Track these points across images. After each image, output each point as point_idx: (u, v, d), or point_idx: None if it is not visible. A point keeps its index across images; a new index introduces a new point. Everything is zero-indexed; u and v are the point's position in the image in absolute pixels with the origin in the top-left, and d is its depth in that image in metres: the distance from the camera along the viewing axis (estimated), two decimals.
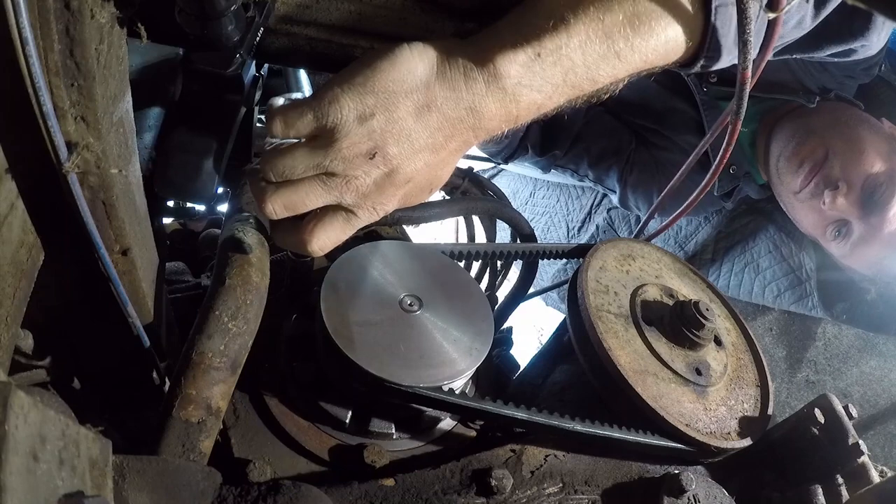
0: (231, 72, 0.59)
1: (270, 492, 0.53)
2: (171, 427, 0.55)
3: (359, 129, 0.52)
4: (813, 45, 0.93)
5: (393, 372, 0.64)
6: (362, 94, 0.52)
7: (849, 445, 0.71)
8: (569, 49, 0.55)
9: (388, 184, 0.56)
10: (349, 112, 0.52)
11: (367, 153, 0.53)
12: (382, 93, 0.52)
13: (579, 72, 0.56)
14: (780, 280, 1.48)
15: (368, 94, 0.52)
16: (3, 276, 0.47)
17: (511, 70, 0.54)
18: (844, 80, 1.28)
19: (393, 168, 0.55)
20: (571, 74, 0.56)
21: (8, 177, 0.46)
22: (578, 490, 0.66)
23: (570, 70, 0.56)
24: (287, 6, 0.61)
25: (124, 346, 0.64)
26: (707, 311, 0.77)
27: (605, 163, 1.54)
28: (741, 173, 1.39)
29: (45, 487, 0.32)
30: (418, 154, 0.55)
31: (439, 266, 0.79)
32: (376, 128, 0.53)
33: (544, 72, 0.55)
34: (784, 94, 1.27)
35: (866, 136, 1.21)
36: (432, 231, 3.22)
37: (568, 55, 0.55)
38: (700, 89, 1.34)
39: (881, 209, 1.17)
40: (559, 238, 1.85)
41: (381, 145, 0.53)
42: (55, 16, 0.42)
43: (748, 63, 0.63)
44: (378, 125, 0.53)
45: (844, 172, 1.19)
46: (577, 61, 0.56)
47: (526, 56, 0.55)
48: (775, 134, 1.32)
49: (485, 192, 1.18)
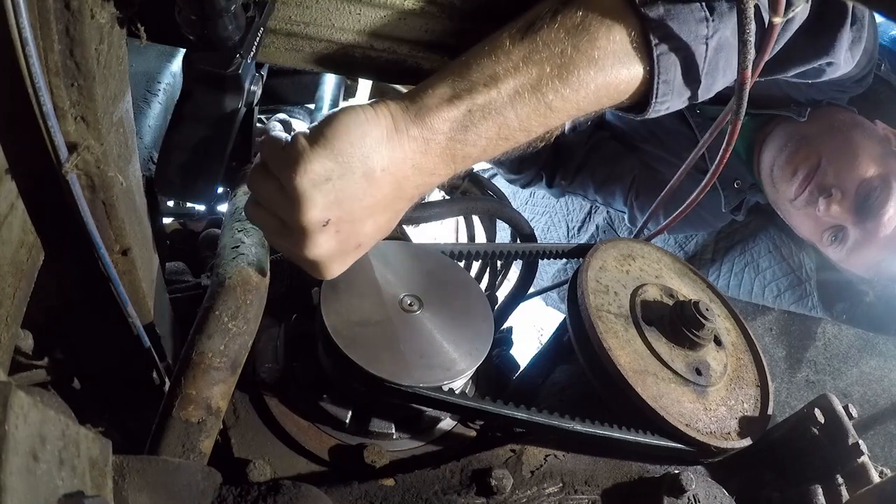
0: (231, 72, 0.59)
1: (270, 492, 0.53)
2: (171, 427, 0.55)
3: (314, 193, 0.53)
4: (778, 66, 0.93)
5: (393, 372, 0.64)
6: (323, 157, 0.53)
7: (849, 445, 0.71)
8: (499, 104, 0.57)
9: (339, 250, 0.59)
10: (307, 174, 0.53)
11: (320, 220, 0.55)
12: (340, 156, 0.54)
13: (512, 125, 0.59)
14: (779, 280, 1.48)
15: (328, 158, 0.54)
16: (3, 276, 0.47)
17: (444, 126, 0.57)
18: (835, 94, 1.27)
19: (344, 235, 0.57)
20: (504, 128, 0.59)
21: (8, 177, 0.46)
22: (578, 490, 0.66)
23: (503, 125, 0.58)
24: (287, 6, 0.61)
25: (124, 346, 0.64)
26: (707, 311, 0.77)
27: (609, 188, 1.58)
28: (746, 186, 1.39)
29: (45, 487, 0.32)
30: (369, 218, 0.58)
31: (439, 266, 0.79)
32: (330, 192, 0.54)
33: (476, 127, 0.58)
34: (775, 108, 1.27)
35: (859, 141, 1.21)
36: (432, 231, 3.22)
37: (498, 110, 0.58)
38: (693, 111, 1.34)
39: (876, 214, 1.17)
40: (559, 238, 1.85)
41: (334, 212, 0.55)
42: (55, 16, 0.42)
43: (748, 63, 0.63)
44: (333, 189, 0.54)
45: (838, 179, 1.19)
46: (509, 115, 0.58)
47: (458, 112, 0.57)
48: (768, 142, 1.32)
49: (485, 192, 1.18)
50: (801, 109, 1.24)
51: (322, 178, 0.53)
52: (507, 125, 0.58)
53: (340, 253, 0.59)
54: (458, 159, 0.59)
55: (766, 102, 1.27)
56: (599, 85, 0.60)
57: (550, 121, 0.60)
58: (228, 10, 0.52)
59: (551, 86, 0.58)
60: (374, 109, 0.56)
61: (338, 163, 0.54)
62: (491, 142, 0.59)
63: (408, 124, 0.56)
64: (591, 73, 0.59)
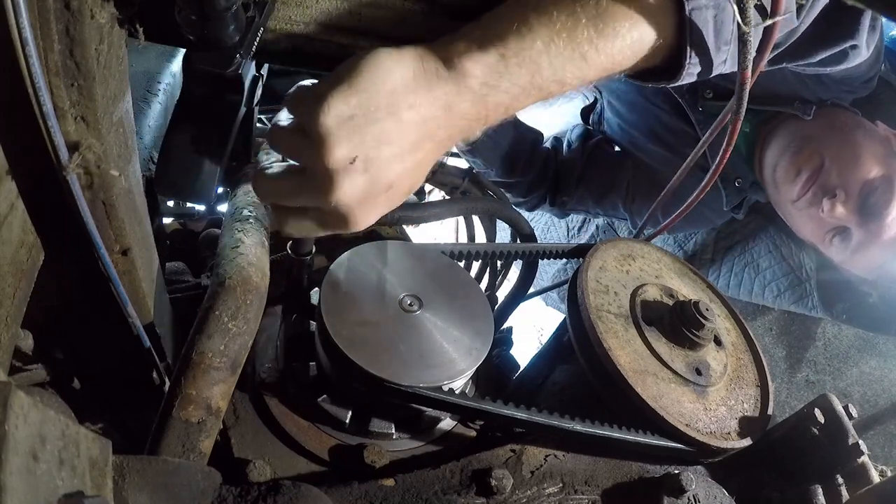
0: (231, 72, 0.59)
1: (270, 492, 0.53)
2: (171, 427, 0.55)
3: (339, 131, 0.52)
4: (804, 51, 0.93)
5: (393, 372, 0.64)
6: (346, 94, 0.52)
7: (849, 445, 0.71)
8: (532, 51, 0.56)
9: (369, 192, 0.55)
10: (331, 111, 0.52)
11: (346, 158, 0.52)
12: (364, 92, 0.52)
13: (545, 74, 0.57)
14: (779, 280, 1.48)
15: (352, 95, 0.52)
16: (3, 276, 0.47)
17: (476, 70, 0.55)
18: (843, 94, 1.27)
19: (373, 174, 0.54)
20: (538, 76, 0.57)
21: (8, 177, 0.46)
22: (578, 490, 0.66)
23: (536, 72, 0.57)
24: (287, 6, 0.61)
25: (124, 346, 0.64)
26: (707, 311, 0.77)
27: (607, 199, 1.59)
28: (747, 185, 1.39)
29: (45, 487, 0.32)
30: (397, 157, 0.55)
31: (439, 266, 0.79)
32: (356, 130, 0.52)
33: (510, 73, 0.56)
34: (780, 105, 1.27)
35: (862, 142, 1.21)
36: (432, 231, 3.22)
37: (532, 57, 0.56)
38: (695, 108, 1.34)
39: (879, 215, 1.17)
40: (559, 238, 1.86)
41: (361, 149, 0.53)
42: (55, 16, 0.42)
43: (748, 62, 0.63)
44: (358, 126, 0.52)
45: (841, 179, 1.19)
46: (543, 63, 0.57)
47: (491, 57, 0.56)
48: (771, 141, 1.31)
49: (485, 192, 1.18)
50: (807, 107, 1.24)
51: (346, 115, 0.52)
52: (540, 74, 0.57)
53: (370, 197, 0.55)
54: (490, 106, 0.57)
55: (772, 99, 1.27)
56: (635, 39, 0.59)
57: (585, 73, 0.59)
58: (228, 10, 0.52)
59: (586, 36, 0.57)
60: (401, 50, 0.55)
61: (361, 99, 0.52)
62: (524, 90, 0.57)
63: (437, 65, 0.55)
64: (627, 25, 0.58)
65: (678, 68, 0.64)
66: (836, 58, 1.00)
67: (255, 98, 0.67)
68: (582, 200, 1.62)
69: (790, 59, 0.95)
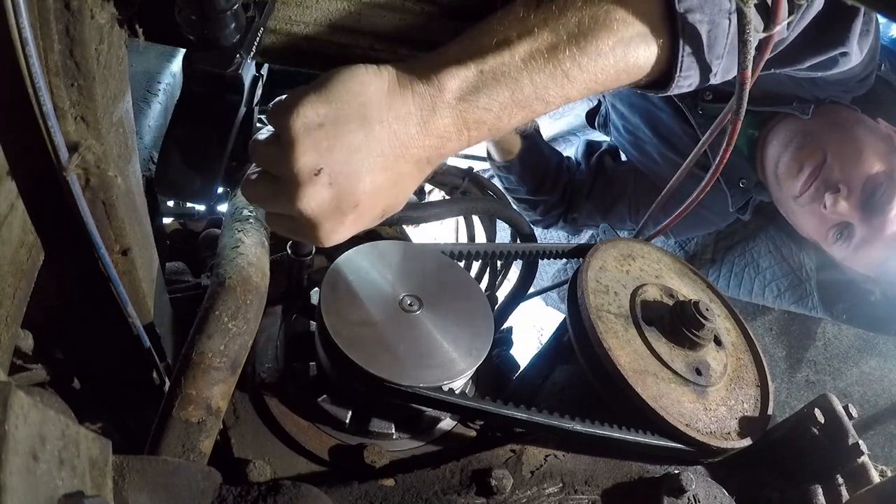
0: (231, 72, 0.59)
1: (270, 492, 0.53)
2: (171, 427, 0.55)
3: (306, 138, 0.51)
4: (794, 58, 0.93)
5: (393, 372, 0.64)
6: (316, 102, 0.52)
7: (849, 445, 0.71)
8: (511, 68, 0.55)
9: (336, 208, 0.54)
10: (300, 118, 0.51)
11: (312, 166, 0.52)
12: (335, 103, 0.52)
13: (526, 91, 0.56)
14: (780, 280, 1.48)
15: (322, 104, 0.52)
16: (3, 276, 0.47)
17: (452, 84, 0.55)
18: (839, 93, 1.27)
19: (339, 190, 0.53)
20: (518, 93, 0.56)
21: (8, 177, 0.46)
22: (578, 490, 0.66)
23: (517, 89, 0.56)
24: (287, 6, 0.61)
25: (124, 346, 0.64)
26: (707, 311, 0.77)
27: (613, 212, 1.62)
28: (751, 185, 1.39)
29: (45, 487, 0.32)
30: (367, 174, 0.54)
31: (439, 266, 0.79)
32: (323, 139, 0.52)
33: (487, 88, 0.55)
34: (779, 105, 1.27)
35: (864, 138, 1.21)
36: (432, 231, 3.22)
37: (510, 74, 0.55)
38: (695, 111, 1.34)
39: (882, 210, 1.17)
40: (559, 238, 1.85)
41: (327, 161, 0.52)
42: (55, 16, 0.42)
43: (748, 62, 0.63)
44: (326, 135, 0.52)
45: (844, 175, 1.19)
46: (523, 80, 0.56)
47: (468, 71, 0.55)
48: (772, 139, 1.31)
49: (485, 192, 1.18)
50: (805, 107, 1.24)
51: (315, 122, 0.51)
52: (521, 91, 0.56)
53: (336, 211, 0.54)
54: (471, 124, 0.56)
55: (770, 99, 1.27)
56: (619, 56, 0.58)
57: (568, 91, 0.58)
58: (228, 10, 0.52)
59: (568, 53, 0.56)
60: (378, 66, 0.55)
61: (332, 108, 0.52)
62: (505, 108, 0.56)
63: (412, 80, 0.55)
64: (611, 42, 0.57)
65: (668, 81, 0.64)
66: (825, 64, 1.00)
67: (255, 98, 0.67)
68: (591, 215, 1.65)
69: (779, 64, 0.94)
